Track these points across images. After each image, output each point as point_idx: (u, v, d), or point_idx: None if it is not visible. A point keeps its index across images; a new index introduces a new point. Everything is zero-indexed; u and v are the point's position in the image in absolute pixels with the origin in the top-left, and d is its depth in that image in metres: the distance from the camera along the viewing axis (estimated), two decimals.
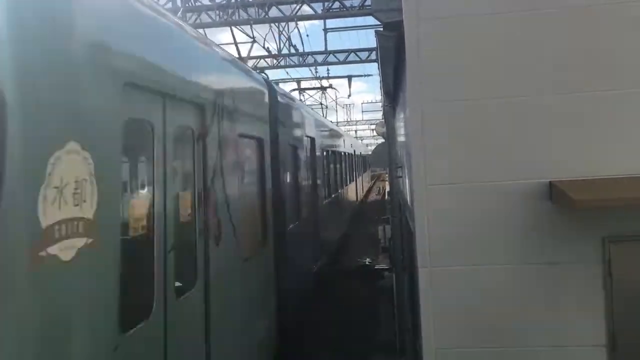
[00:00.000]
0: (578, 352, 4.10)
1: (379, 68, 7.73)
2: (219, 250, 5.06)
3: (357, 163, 26.41)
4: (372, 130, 55.61)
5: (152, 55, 4.06)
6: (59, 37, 3.01)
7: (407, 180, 6.17)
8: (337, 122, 49.87)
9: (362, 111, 73.24)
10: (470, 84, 4.23)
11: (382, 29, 5.51)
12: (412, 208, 4.99)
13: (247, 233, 6.23)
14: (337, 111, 47.39)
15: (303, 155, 10.28)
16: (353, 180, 23.32)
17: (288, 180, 8.75)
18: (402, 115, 7.31)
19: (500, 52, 4.20)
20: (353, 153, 23.39)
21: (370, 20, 21.60)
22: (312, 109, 15.26)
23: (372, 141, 71.63)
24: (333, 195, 15.04)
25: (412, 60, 4.30)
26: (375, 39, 6.28)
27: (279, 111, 7.96)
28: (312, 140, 11.65)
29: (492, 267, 4.18)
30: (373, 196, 40.55)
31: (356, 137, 56.42)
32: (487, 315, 4.18)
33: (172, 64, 4.42)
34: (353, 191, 23.54)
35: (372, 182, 50.51)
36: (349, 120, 69.15)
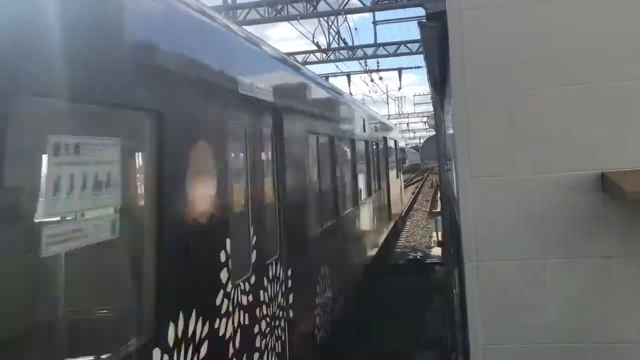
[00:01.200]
0: (632, 350, 3.94)
1: (424, 60, 7.64)
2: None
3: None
4: (424, 122, 54.97)
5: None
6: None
7: (454, 173, 6.07)
8: (389, 116, 49.45)
9: (414, 103, 72.50)
10: (515, 74, 4.12)
11: (425, 20, 5.43)
12: (458, 201, 4.91)
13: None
14: (388, 104, 47.05)
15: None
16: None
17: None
18: (448, 107, 7.19)
19: (544, 41, 4.05)
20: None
21: (421, 11, 21.29)
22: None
23: (425, 134, 70.95)
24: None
25: (455, 51, 4.22)
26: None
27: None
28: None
29: (541, 262, 4.06)
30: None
31: (408, 130, 55.76)
32: (536, 311, 4.07)
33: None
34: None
35: (424, 177, 47.81)
36: (400, 113, 68.69)
